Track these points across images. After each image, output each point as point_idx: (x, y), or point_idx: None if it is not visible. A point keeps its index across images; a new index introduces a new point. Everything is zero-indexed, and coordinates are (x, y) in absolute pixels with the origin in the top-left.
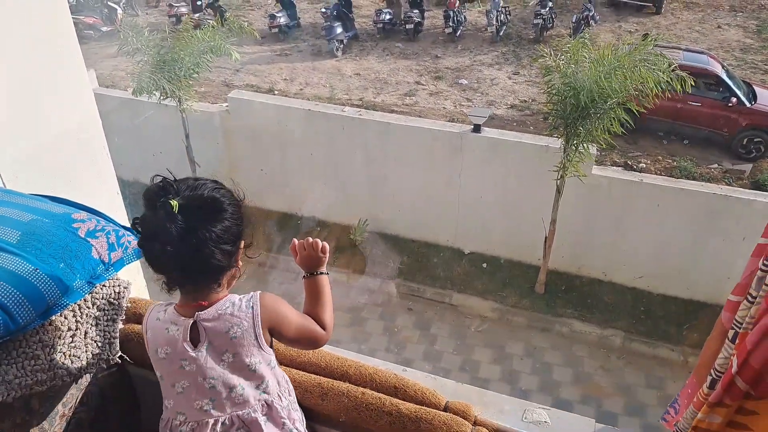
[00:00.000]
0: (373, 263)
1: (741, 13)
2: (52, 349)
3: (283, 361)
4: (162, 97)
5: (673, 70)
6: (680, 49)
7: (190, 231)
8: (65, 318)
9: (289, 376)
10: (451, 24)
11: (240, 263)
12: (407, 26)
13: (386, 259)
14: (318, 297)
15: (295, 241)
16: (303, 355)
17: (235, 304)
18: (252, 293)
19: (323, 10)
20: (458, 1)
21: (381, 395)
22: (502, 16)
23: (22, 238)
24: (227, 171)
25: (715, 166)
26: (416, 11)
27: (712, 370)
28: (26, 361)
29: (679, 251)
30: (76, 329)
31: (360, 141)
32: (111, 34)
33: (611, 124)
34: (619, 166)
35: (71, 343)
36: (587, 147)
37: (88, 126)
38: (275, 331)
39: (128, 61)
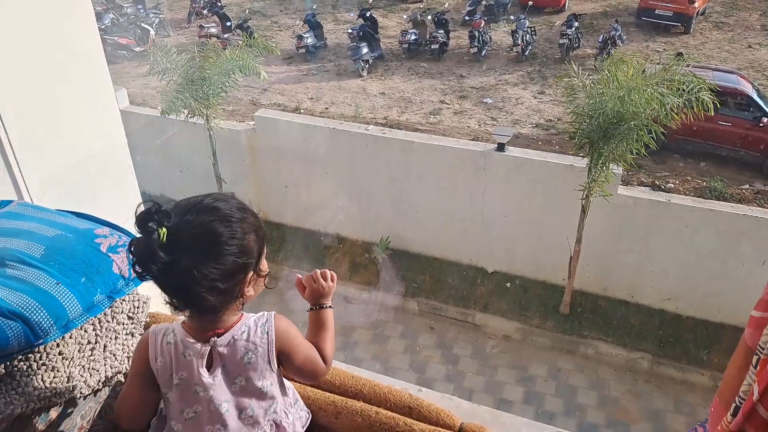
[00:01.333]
0: (395, 281)
1: None
2: (72, 362)
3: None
4: (190, 116)
5: (699, 90)
6: (710, 68)
7: (174, 266)
8: (85, 331)
9: (302, 394)
10: (476, 44)
11: (250, 294)
12: (432, 46)
13: (408, 276)
14: (322, 330)
15: (299, 276)
16: None
17: (250, 328)
18: (266, 315)
19: (349, 30)
20: (483, 21)
21: (395, 415)
22: (528, 36)
23: (45, 252)
24: (252, 187)
25: (747, 186)
26: (441, 31)
27: (736, 398)
28: (45, 373)
29: (708, 273)
30: (96, 342)
31: (384, 159)
32: (143, 54)
33: (636, 145)
34: (646, 186)
35: (90, 356)
36: (610, 167)
37: (114, 146)
38: (284, 357)
39: (158, 80)
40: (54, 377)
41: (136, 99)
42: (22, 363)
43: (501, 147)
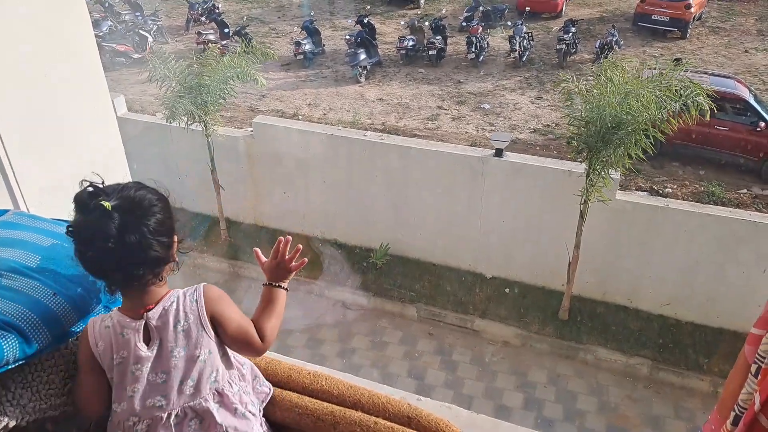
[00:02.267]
0: (394, 287)
1: None
2: (67, 374)
3: (295, 389)
4: (189, 122)
5: (695, 95)
6: (707, 73)
7: (128, 226)
8: None
9: (300, 404)
10: (473, 50)
11: (176, 257)
12: (430, 52)
13: (407, 282)
14: (270, 308)
15: (257, 249)
16: (315, 383)
17: (179, 298)
18: (195, 286)
19: (347, 37)
20: (481, 27)
21: (394, 425)
22: (525, 41)
23: (41, 263)
24: (250, 194)
25: (745, 191)
26: (439, 37)
27: (735, 406)
28: (41, 385)
29: (707, 278)
30: None
31: (382, 165)
32: (141, 61)
33: (634, 150)
34: (644, 191)
35: None
36: (609, 172)
37: (111, 154)
38: (216, 323)
39: (157, 87)
40: (49, 389)
41: (134, 106)
42: (17, 374)
43: (499, 152)
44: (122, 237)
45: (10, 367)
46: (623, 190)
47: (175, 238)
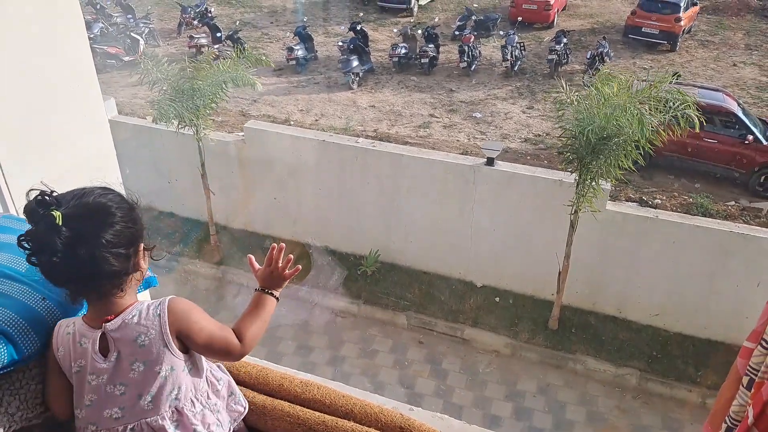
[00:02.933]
0: (384, 294)
1: (757, 52)
2: None
3: (287, 398)
4: (181, 126)
5: (685, 107)
6: (696, 86)
7: (78, 239)
8: None
9: (292, 413)
10: (466, 58)
11: (143, 266)
12: (422, 60)
13: (397, 290)
14: (255, 312)
15: (251, 256)
16: (307, 392)
17: (141, 312)
18: (161, 300)
19: (340, 43)
20: (473, 36)
21: None
22: (517, 51)
23: (30, 267)
24: (241, 199)
25: (733, 203)
26: (431, 46)
27: (727, 418)
28: (29, 393)
29: (695, 289)
30: None
31: (373, 172)
32: (132, 63)
33: (623, 161)
34: (633, 201)
35: None
36: (599, 183)
37: (102, 157)
38: (184, 337)
39: (147, 90)
40: (36, 397)
41: (124, 109)
42: (4, 381)
43: (490, 161)
44: (71, 250)
45: None
46: (613, 201)
47: (141, 247)
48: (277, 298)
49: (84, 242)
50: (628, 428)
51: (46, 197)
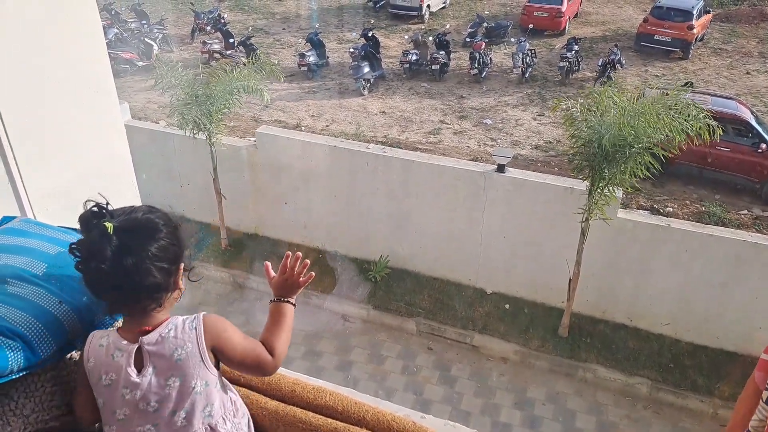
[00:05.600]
0: (394, 300)
1: None
2: (70, 386)
3: (299, 404)
4: (195, 131)
5: (703, 118)
6: (708, 94)
7: (126, 250)
8: None
9: (304, 419)
10: (476, 65)
11: (181, 285)
12: (433, 67)
13: (407, 296)
14: (278, 324)
15: (268, 263)
16: (320, 399)
17: (177, 326)
18: (195, 315)
19: (351, 49)
20: (484, 43)
21: None
22: (528, 58)
23: (47, 270)
24: (252, 203)
25: (745, 212)
26: (442, 52)
27: None
28: (44, 395)
29: (707, 299)
30: None
31: (383, 178)
32: (146, 68)
33: (637, 169)
34: (645, 209)
35: None
36: (612, 190)
37: (118, 161)
38: (219, 353)
39: (161, 95)
40: (52, 400)
41: (138, 113)
42: (20, 384)
43: (501, 168)
44: (119, 259)
45: (14, 376)
46: (624, 209)
47: (181, 266)
48: (294, 305)
49: (131, 253)
50: None
51: (101, 209)
